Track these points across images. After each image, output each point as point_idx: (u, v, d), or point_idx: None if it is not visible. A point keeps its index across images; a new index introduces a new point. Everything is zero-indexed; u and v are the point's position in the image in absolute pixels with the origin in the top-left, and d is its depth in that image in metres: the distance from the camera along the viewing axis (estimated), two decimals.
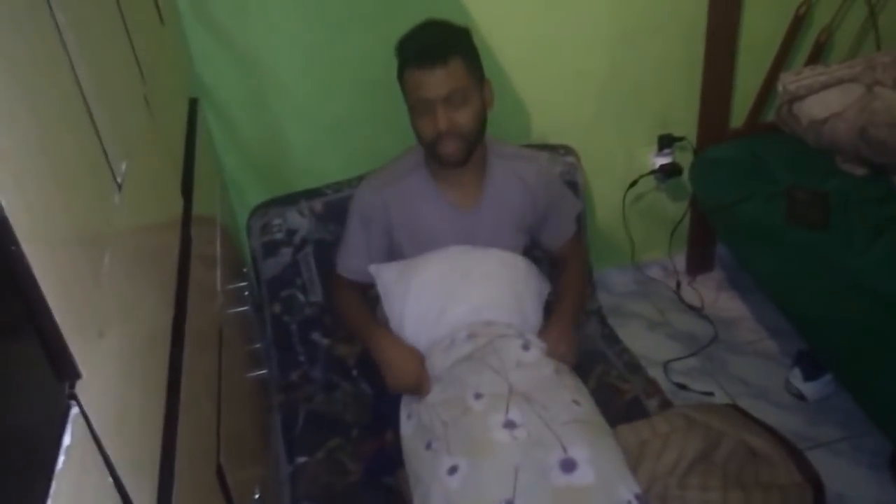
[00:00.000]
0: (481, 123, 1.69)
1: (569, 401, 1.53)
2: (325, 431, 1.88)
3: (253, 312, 1.86)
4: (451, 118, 1.62)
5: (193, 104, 1.75)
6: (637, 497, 1.36)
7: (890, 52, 2.25)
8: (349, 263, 1.85)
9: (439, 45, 1.62)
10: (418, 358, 1.69)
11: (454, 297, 1.73)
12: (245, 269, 2.01)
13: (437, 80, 1.60)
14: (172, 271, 1.07)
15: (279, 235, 2.00)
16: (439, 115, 1.61)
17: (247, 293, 1.77)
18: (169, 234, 1.12)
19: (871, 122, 2.01)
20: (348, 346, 2.07)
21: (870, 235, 1.84)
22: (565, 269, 1.94)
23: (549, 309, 1.85)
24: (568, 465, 1.37)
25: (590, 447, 1.41)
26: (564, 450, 1.39)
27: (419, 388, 1.64)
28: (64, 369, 0.56)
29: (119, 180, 0.83)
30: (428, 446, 1.50)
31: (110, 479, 0.60)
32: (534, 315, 1.78)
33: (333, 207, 2.01)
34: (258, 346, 1.90)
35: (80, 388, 0.57)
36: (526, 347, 1.65)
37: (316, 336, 2.07)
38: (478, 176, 1.78)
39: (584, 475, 1.36)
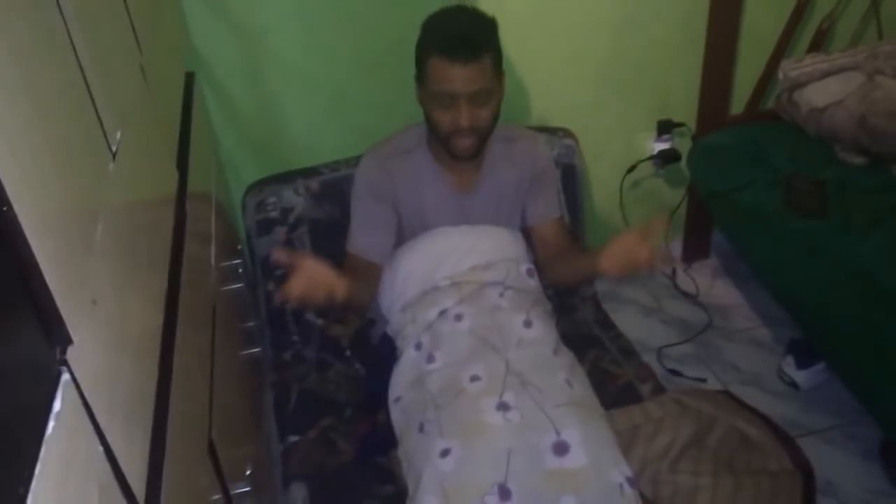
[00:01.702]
0: (497, 117, 1.67)
1: (563, 382, 1.53)
2: (318, 411, 1.88)
3: (247, 290, 1.85)
4: (474, 115, 1.59)
5: (190, 78, 1.73)
6: (628, 480, 1.37)
7: (892, 40, 2.25)
8: (360, 240, 1.78)
9: (474, 40, 1.57)
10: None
11: (439, 267, 1.74)
12: (240, 247, 2.00)
13: (468, 77, 1.55)
14: (166, 245, 1.06)
15: (274, 214, 1.99)
16: (463, 111, 1.58)
17: (241, 271, 1.76)
18: (163, 207, 1.11)
19: (870, 111, 2.01)
20: (342, 326, 2.06)
21: (867, 224, 1.83)
22: (569, 248, 1.87)
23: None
24: (560, 448, 1.38)
25: (582, 430, 1.41)
26: (557, 433, 1.40)
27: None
28: (55, 334, 0.55)
29: (114, 149, 0.82)
30: (420, 429, 1.50)
31: (100, 448, 0.59)
32: (523, 269, 1.80)
33: (330, 187, 2.00)
34: (252, 324, 1.89)
35: (72, 355, 0.56)
36: (528, 325, 1.65)
37: (310, 316, 2.06)
38: (477, 160, 1.77)
39: (577, 458, 1.36)
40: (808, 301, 1.95)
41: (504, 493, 1.33)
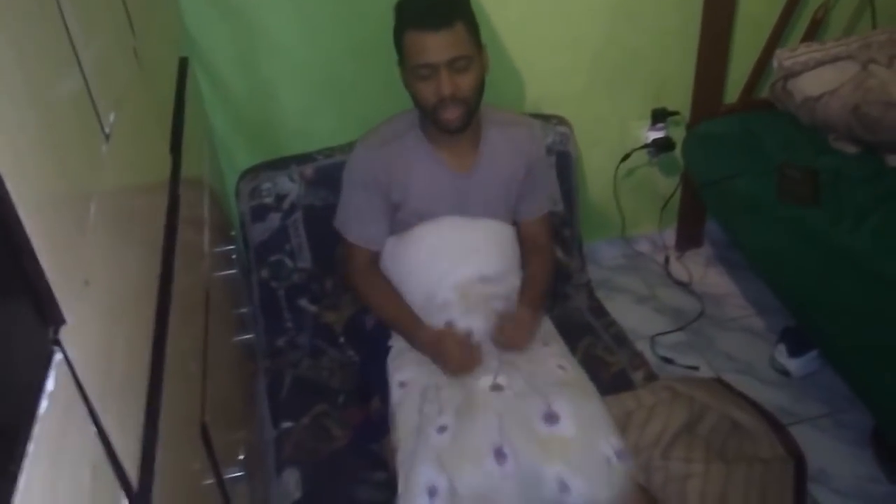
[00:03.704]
0: (481, 89, 1.67)
1: (554, 366, 1.59)
2: (311, 397, 1.88)
3: (240, 277, 1.85)
4: (455, 83, 1.60)
5: (183, 63, 1.72)
6: (618, 453, 1.40)
7: (886, 30, 2.25)
8: (367, 232, 1.78)
9: (444, 8, 1.59)
10: (467, 342, 1.66)
11: (448, 273, 1.74)
12: (233, 233, 2.00)
13: (442, 45, 1.57)
14: (159, 229, 1.06)
15: (268, 200, 1.98)
16: (443, 80, 1.58)
17: (234, 257, 1.75)
18: (156, 191, 1.11)
19: (864, 100, 2.01)
20: (335, 312, 2.06)
21: (860, 213, 1.84)
22: (534, 258, 1.88)
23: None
24: (551, 418, 1.43)
25: (573, 403, 1.46)
26: (548, 404, 1.45)
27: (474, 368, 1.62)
28: (48, 314, 0.55)
29: (107, 131, 0.81)
30: (419, 411, 1.53)
31: (93, 428, 0.59)
32: (518, 280, 1.82)
33: (324, 173, 1.99)
34: (245, 310, 1.89)
35: (65, 335, 0.56)
36: None
37: (303, 302, 2.06)
38: (473, 140, 1.77)
39: (566, 427, 1.41)
40: (800, 289, 1.96)
41: (500, 456, 1.38)
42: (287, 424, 1.81)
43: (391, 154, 1.74)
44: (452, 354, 1.61)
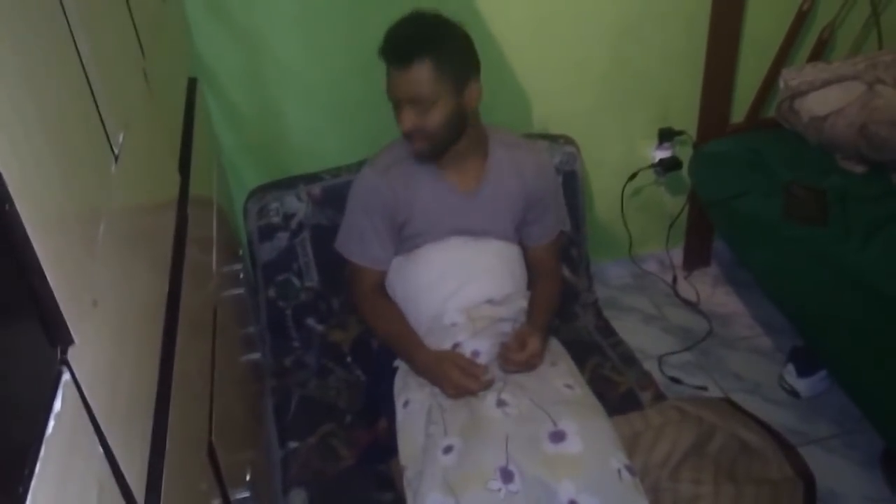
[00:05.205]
0: (453, 124, 1.64)
1: (561, 386, 1.59)
2: (318, 417, 1.88)
3: (248, 296, 1.85)
4: (414, 121, 1.60)
5: (192, 84, 1.73)
6: (627, 467, 1.40)
7: (892, 50, 2.25)
8: (371, 254, 1.78)
9: (406, 46, 1.57)
10: (468, 365, 1.64)
11: (455, 294, 1.74)
12: (241, 252, 2.00)
13: (402, 82, 1.58)
14: (168, 248, 1.06)
15: (276, 219, 1.99)
16: (404, 115, 1.61)
17: (242, 276, 1.76)
18: (165, 210, 1.11)
19: (871, 120, 2.01)
20: (343, 332, 2.06)
21: (867, 232, 1.83)
22: (542, 281, 1.88)
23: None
24: (557, 436, 1.42)
25: (579, 422, 1.45)
26: (554, 423, 1.45)
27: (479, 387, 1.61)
28: (56, 334, 0.55)
29: (116, 151, 0.82)
30: (425, 432, 1.53)
31: (100, 449, 0.59)
32: (525, 301, 1.82)
33: (332, 192, 2.00)
34: (252, 329, 1.89)
35: (73, 355, 0.56)
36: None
37: (310, 322, 2.06)
38: (479, 161, 1.77)
39: (574, 444, 1.41)
40: (808, 309, 1.95)
41: (506, 475, 1.37)
42: (294, 444, 1.81)
43: (397, 176, 1.75)
44: (451, 378, 1.60)
